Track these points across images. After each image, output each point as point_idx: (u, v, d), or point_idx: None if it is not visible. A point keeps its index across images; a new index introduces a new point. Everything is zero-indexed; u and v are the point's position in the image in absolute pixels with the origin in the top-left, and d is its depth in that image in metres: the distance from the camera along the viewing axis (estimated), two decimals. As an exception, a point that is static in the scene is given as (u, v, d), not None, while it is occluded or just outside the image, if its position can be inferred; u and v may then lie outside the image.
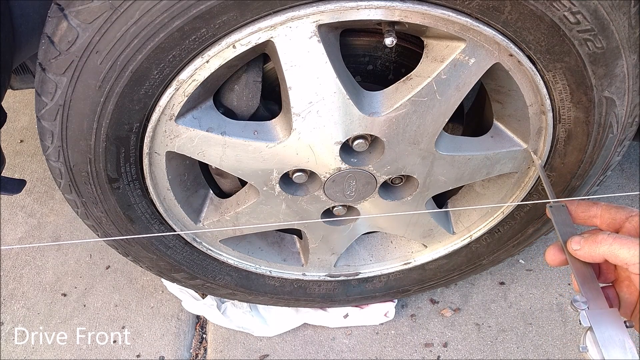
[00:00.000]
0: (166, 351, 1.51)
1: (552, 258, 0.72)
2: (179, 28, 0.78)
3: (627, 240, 0.65)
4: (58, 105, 0.86)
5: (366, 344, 1.52)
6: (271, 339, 1.53)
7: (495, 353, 1.49)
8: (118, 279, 1.66)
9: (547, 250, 0.73)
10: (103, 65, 0.81)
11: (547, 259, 0.73)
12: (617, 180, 1.83)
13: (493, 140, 1.07)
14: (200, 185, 1.15)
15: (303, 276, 1.35)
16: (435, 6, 0.79)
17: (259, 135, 0.95)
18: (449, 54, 0.87)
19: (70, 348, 1.51)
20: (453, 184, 1.11)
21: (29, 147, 2.02)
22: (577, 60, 0.87)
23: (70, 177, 0.98)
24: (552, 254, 0.72)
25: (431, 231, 1.26)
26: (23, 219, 1.81)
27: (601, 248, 0.66)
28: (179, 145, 0.96)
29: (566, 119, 0.97)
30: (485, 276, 1.64)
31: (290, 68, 0.85)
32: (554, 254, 0.72)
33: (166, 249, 1.17)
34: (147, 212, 1.07)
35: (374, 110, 0.92)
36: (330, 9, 0.79)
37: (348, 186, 1.05)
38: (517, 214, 1.20)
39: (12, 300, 1.62)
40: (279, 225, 1.16)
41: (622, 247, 0.64)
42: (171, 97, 0.87)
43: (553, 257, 0.72)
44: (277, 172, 1.00)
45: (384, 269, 1.37)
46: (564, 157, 1.05)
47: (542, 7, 0.79)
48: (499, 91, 1.00)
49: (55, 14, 0.79)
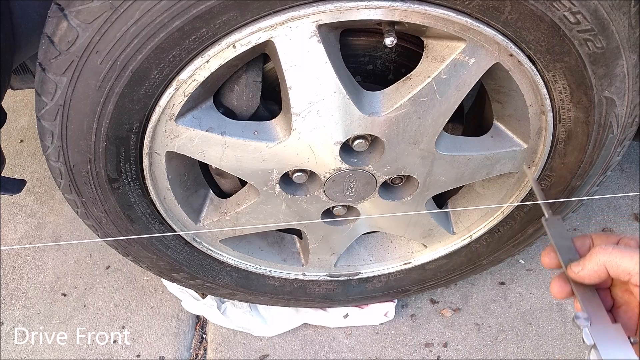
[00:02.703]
0: (166, 351, 1.51)
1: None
2: (179, 28, 0.78)
3: (626, 250, 0.64)
4: (58, 105, 0.86)
5: (366, 344, 1.52)
6: (271, 339, 1.53)
7: (495, 353, 1.49)
8: (118, 279, 1.66)
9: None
10: (103, 65, 0.81)
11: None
12: (617, 180, 1.83)
13: (493, 140, 1.07)
14: (200, 185, 1.15)
15: (303, 276, 1.35)
16: (435, 6, 0.79)
17: (259, 135, 0.95)
18: (449, 54, 0.87)
19: (70, 348, 1.51)
20: (453, 184, 1.11)
21: (29, 147, 2.02)
22: (577, 60, 0.87)
23: (70, 177, 0.98)
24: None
25: (431, 231, 1.26)
26: (23, 219, 1.81)
27: (601, 258, 0.64)
28: (179, 145, 0.96)
29: (566, 119, 0.97)
30: (485, 276, 1.64)
31: (290, 68, 0.85)
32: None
33: (166, 249, 1.17)
34: (147, 212, 1.07)
35: (374, 110, 0.92)
36: (330, 9, 0.79)
37: (348, 186, 1.05)
38: (517, 214, 1.20)
39: (12, 300, 1.61)
40: (279, 225, 1.16)
41: (623, 256, 0.63)
42: (171, 97, 0.87)
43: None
44: (277, 172, 1.00)
45: (384, 269, 1.37)
46: (564, 157, 1.05)
47: (542, 7, 0.79)
48: (499, 91, 1.00)
49: (55, 14, 0.79)
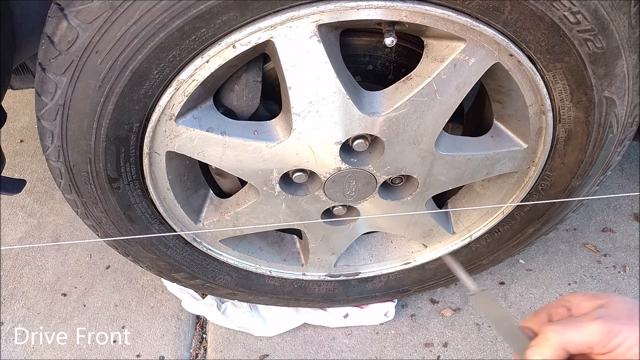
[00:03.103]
0: (166, 351, 1.51)
1: None
2: (179, 28, 0.78)
3: (573, 322, 0.56)
4: (58, 105, 0.86)
5: (366, 344, 1.52)
6: (271, 339, 1.53)
7: (495, 353, 1.49)
8: (118, 279, 1.66)
9: None
10: (103, 65, 0.81)
11: None
12: (617, 180, 1.83)
13: (493, 140, 1.07)
14: (200, 185, 1.15)
15: (303, 276, 1.35)
16: (435, 6, 0.79)
17: (259, 135, 0.95)
18: (449, 54, 0.87)
19: (70, 348, 1.51)
20: (453, 184, 1.11)
21: (29, 147, 2.02)
22: (577, 60, 0.87)
23: (70, 177, 0.98)
24: None
25: (431, 231, 1.26)
26: (23, 219, 1.81)
27: (556, 339, 0.56)
28: (179, 145, 0.96)
29: (566, 119, 0.97)
30: (485, 276, 1.64)
31: (290, 68, 0.85)
32: None
33: (166, 249, 1.17)
34: (147, 212, 1.07)
35: (374, 110, 0.92)
36: (330, 8, 0.79)
37: (348, 186, 1.05)
38: (517, 214, 1.20)
39: (12, 300, 1.61)
40: (279, 225, 1.15)
41: (577, 331, 0.55)
42: (171, 97, 0.87)
43: None
44: (277, 172, 1.00)
45: (384, 269, 1.37)
46: (564, 157, 1.05)
47: (542, 7, 0.79)
48: (499, 91, 1.00)
49: (55, 14, 0.79)
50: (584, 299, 0.58)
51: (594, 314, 0.55)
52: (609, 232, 1.71)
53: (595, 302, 0.57)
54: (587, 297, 0.58)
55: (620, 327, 0.53)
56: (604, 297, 0.57)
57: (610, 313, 0.55)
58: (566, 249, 1.68)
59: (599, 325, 0.54)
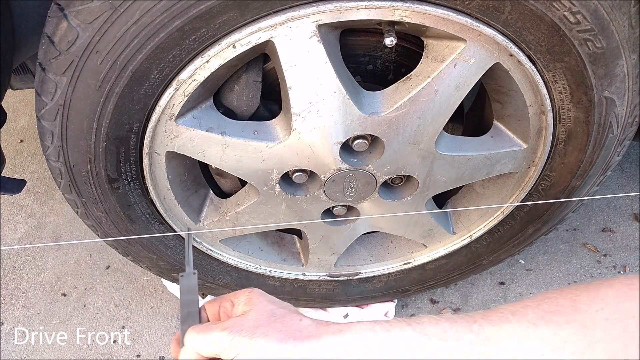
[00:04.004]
0: (166, 351, 1.51)
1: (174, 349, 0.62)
2: (179, 28, 0.78)
3: (207, 328, 0.57)
4: (58, 105, 0.86)
5: (366, 344, 1.52)
6: (271, 339, 1.53)
7: (495, 353, 1.49)
8: (118, 279, 1.66)
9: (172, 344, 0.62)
10: (103, 65, 0.81)
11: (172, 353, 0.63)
12: (617, 180, 1.83)
13: (493, 140, 1.07)
14: (200, 185, 1.15)
15: (303, 276, 1.35)
16: (435, 6, 0.79)
17: (259, 135, 0.95)
18: (449, 54, 0.87)
19: (70, 348, 1.51)
20: (453, 184, 1.11)
21: (29, 147, 2.02)
22: (577, 60, 0.87)
23: (70, 177, 0.98)
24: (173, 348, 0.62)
25: (431, 231, 1.26)
26: (23, 219, 1.81)
27: (191, 344, 0.57)
28: (179, 145, 0.96)
29: (566, 119, 0.97)
30: (485, 276, 1.64)
31: (290, 68, 0.85)
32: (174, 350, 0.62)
33: (166, 249, 1.17)
34: (147, 212, 1.07)
35: (374, 110, 0.92)
36: (330, 8, 0.79)
37: (348, 186, 1.05)
38: (517, 214, 1.20)
39: (12, 300, 1.61)
40: (279, 225, 1.15)
41: (203, 339, 0.56)
42: (171, 97, 0.87)
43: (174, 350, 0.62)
44: (277, 172, 1.00)
45: (384, 269, 1.37)
46: (564, 157, 1.05)
47: (542, 7, 0.79)
48: (499, 91, 1.00)
49: (55, 14, 0.79)
50: (243, 301, 0.59)
51: (225, 323, 0.56)
52: (609, 232, 1.71)
53: (244, 307, 0.58)
54: (245, 300, 0.59)
55: (241, 339, 0.54)
56: (251, 304, 0.58)
57: (240, 323, 0.56)
58: (566, 249, 1.68)
59: (225, 336, 0.55)
